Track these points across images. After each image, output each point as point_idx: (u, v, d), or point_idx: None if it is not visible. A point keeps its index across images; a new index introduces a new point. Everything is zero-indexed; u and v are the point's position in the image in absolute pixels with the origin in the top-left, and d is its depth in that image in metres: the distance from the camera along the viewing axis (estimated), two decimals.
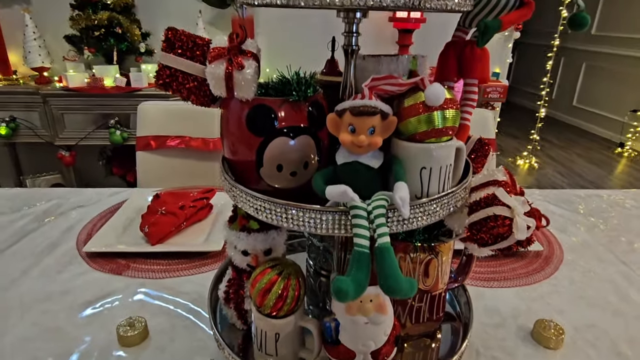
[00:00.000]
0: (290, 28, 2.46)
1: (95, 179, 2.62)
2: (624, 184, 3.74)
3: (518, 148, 4.49)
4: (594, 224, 1.13)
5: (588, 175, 3.83)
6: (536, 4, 0.46)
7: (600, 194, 1.33)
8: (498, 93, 3.62)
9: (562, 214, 1.19)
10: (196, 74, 0.49)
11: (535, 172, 3.95)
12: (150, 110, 1.34)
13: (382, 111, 0.41)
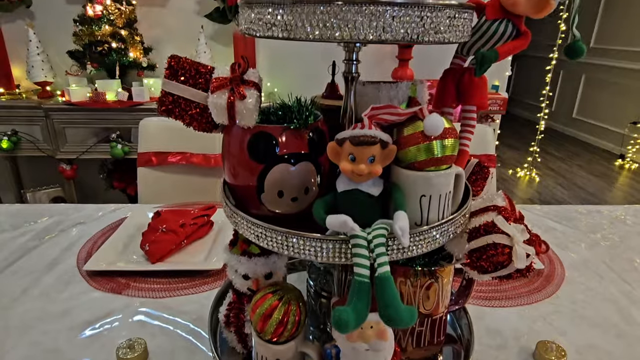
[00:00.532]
0: (291, 43, 2.48)
1: (96, 192, 2.63)
2: (626, 195, 3.73)
3: (519, 160, 4.50)
4: (595, 241, 1.13)
5: (589, 188, 3.83)
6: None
7: (601, 210, 1.33)
8: (498, 105, 3.64)
9: (563, 230, 1.19)
10: (199, 101, 0.49)
11: (536, 184, 3.95)
12: (151, 126, 1.35)
13: (382, 140, 0.42)
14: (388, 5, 0.37)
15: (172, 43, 2.44)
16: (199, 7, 2.37)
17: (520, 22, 0.46)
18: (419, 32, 0.39)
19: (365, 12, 0.37)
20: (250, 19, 0.42)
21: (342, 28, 0.38)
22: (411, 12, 0.38)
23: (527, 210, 1.33)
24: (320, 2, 0.37)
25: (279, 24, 0.40)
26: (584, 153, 4.80)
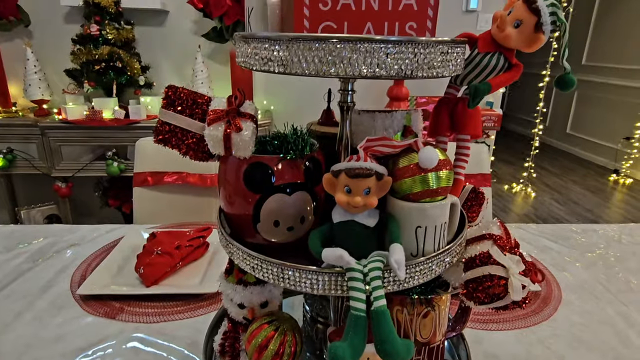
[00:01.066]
0: None
1: (91, 210, 2.62)
2: (621, 211, 3.75)
3: (514, 175, 4.53)
4: (591, 261, 1.13)
5: (585, 204, 3.85)
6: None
7: (596, 229, 1.33)
8: (492, 122, 3.67)
9: (559, 250, 1.19)
10: (195, 131, 0.50)
11: (532, 200, 3.97)
12: (148, 146, 1.36)
13: (377, 172, 0.42)
14: (382, 42, 0.38)
15: (170, 61, 2.46)
16: (197, 26, 2.40)
17: (512, 55, 0.47)
18: (413, 67, 0.39)
19: (360, 50, 0.38)
20: (246, 53, 0.43)
21: (337, 65, 0.38)
22: (405, 49, 0.38)
23: (523, 229, 1.34)
24: (315, 40, 0.38)
25: (275, 59, 0.40)
26: (578, 168, 4.84)
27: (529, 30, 0.43)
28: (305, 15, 0.40)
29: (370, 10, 0.40)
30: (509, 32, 0.44)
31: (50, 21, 2.32)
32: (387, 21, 0.40)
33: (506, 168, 4.84)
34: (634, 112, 4.30)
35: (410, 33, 0.41)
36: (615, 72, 4.58)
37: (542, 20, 0.42)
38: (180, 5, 2.29)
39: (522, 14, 0.43)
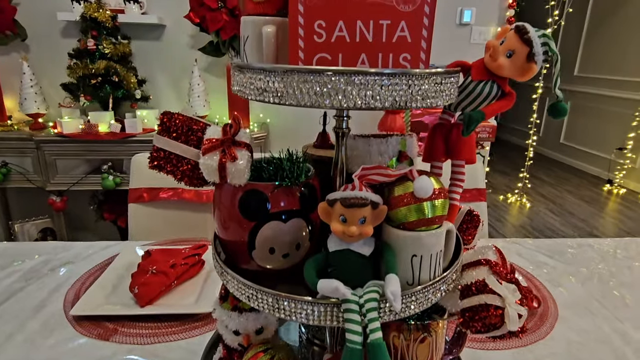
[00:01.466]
0: None
1: (86, 224, 2.60)
2: (616, 222, 3.77)
3: (509, 185, 4.55)
4: (587, 277, 1.13)
5: (580, 214, 3.87)
6: None
7: (592, 244, 1.34)
8: (487, 133, 3.71)
9: (554, 265, 1.19)
10: (190, 158, 0.50)
11: (527, 210, 3.98)
12: (143, 162, 1.35)
13: (373, 202, 0.42)
14: (377, 75, 0.38)
15: (166, 75, 2.47)
16: (193, 40, 2.41)
17: (505, 84, 0.47)
18: (407, 99, 0.40)
19: (355, 82, 0.38)
20: (242, 83, 0.43)
21: (332, 97, 0.39)
22: (399, 81, 0.39)
23: (519, 244, 1.34)
24: (310, 72, 0.38)
25: (271, 90, 0.40)
26: (573, 178, 4.87)
27: (521, 60, 0.44)
28: (300, 47, 0.40)
29: (365, 42, 0.40)
30: (501, 62, 0.44)
31: (47, 35, 2.33)
32: (382, 52, 0.41)
33: (501, 178, 4.87)
34: (626, 122, 4.35)
35: (405, 64, 0.41)
36: (607, 83, 4.64)
37: (534, 51, 0.43)
38: (177, 19, 2.30)
39: (515, 44, 0.44)
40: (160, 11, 2.34)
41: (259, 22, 0.47)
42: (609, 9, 4.60)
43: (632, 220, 3.82)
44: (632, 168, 4.39)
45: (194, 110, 2.27)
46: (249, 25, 0.48)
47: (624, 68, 4.43)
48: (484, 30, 3.48)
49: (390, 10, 0.39)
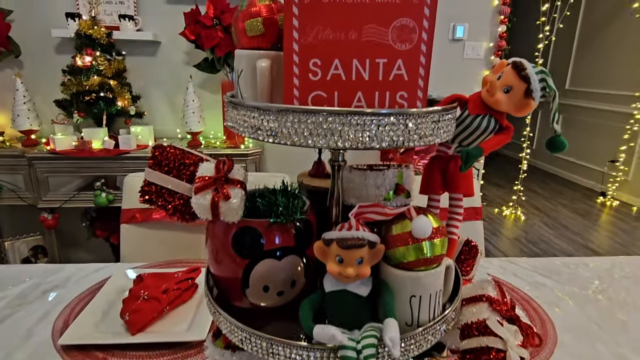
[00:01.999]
0: None
1: (78, 241, 2.56)
2: (610, 234, 3.78)
3: (504, 198, 4.57)
4: (585, 298, 1.12)
5: (574, 227, 3.88)
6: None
7: (588, 262, 1.33)
8: None
9: (552, 286, 1.18)
10: (182, 192, 0.49)
11: (522, 223, 3.99)
12: (136, 183, 1.33)
13: (370, 241, 0.41)
14: (373, 115, 0.37)
15: (161, 91, 2.46)
16: (188, 57, 2.41)
17: (502, 118, 0.47)
18: (405, 138, 0.39)
19: (351, 123, 0.37)
20: (235, 119, 0.43)
21: (327, 137, 0.38)
22: (396, 121, 0.38)
23: (515, 263, 1.33)
24: (305, 112, 0.38)
25: (265, 129, 0.40)
26: (566, 191, 4.90)
27: (518, 96, 0.43)
28: (295, 85, 0.39)
29: (361, 81, 0.40)
30: (499, 97, 0.44)
31: (41, 52, 2.32)
32: (378, 91, 0.40)
33: (496, 191, 4.88)
34: (618, 135, 4.40)
35: (402, 103, 0.40)
36: (598, 97, 4.71)
37: (532, 87, 0.42)
38: (172, 36, 2.31)
39: (512, 80, 0.43)
40: (155, 28, 2.35)
41: (253, 56, 0.47)
42: (599, 25, 4.68)
43: (625, 232, 3.84)
44: (624, 180, 4.42)
45: (188, 126, 2.26)
46: (243, 59, 0.48)
47: (614, 82, 4.50)
48: (477, 45, 3.53)
49: (387, 48, 0.39)
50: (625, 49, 4.34)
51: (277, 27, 0.46)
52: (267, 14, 0.45)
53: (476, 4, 3.44)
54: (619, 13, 4.37)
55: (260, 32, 0.46)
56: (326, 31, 0.38)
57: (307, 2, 0.37)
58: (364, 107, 0.40)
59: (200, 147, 2.28)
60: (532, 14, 4.63)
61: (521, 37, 5.58)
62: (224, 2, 2.07)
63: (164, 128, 2.50)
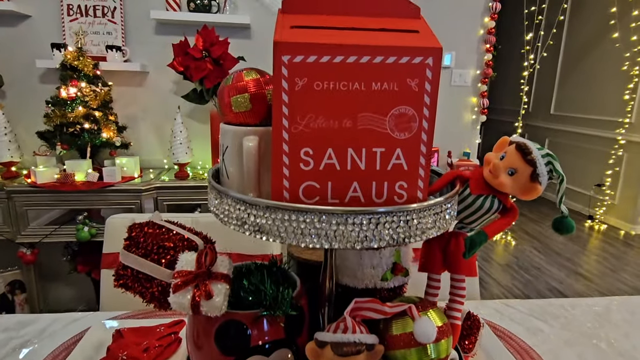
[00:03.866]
0: None
1: (58, 275, 2.46)
2: (600, 259, 3.79)
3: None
4: (584, 345, 1.08)
5: (564, 252, 3.88)
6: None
7: (584, 304, 1.30)
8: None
9: (550, 332, 1.15)
10: (161, 279, 0.44)
11: (513, 248, 3.98)
12: (118, 225, 1.28)
13: (368, 344, 0.37)
14: (371, 214, 0.34)
15: (149, 121, 2.42)
16: (177, 86, 2.39)
17: (506, 198, 0.44)
18: (406, 235, 0.36)
19: (348, 222, 0.34)
20: (220, 209, 0.39)
21: (321, 237, 0.34)
22: (396, 219, 0.35)
23: (511, 306, 1.29)
24: (296, 210, 0.34)
25: (252, 224, 0.36)
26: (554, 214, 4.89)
27: (524, 180, 0.41)
28: (284, 175, 0.36)
29: (357, 170, 0.37)
30: (503, 180, 0.41)
31: (25, 82, 2.28)
32: (375, 181, 0.37)
33: None
34: (603, 160, 4.46)
35: (401, 193, 0.37)
36: (583, 121, 4.80)
37: (538, 172, 0.40)
38: (161, 66, 2.28)
39: (517, 163, 0.41)
40: (143, 58, 2.32)
41: (239, 133, 0.43)
42: (580, 53, 4.81)
43: (614, 257, 3.85)
44: (611, 204, 4.47)
45: (176, 157, 2.21)
46: (228, 135, 0.44)
47: (598, 108, 4.60)
48: (464, 72, 3.59)
49: (385, 137, 0.36)
50: (607, 76, 4.45)
51: (266, 102, 0.43)
52: (254, 89, 0.42)
53: (462, 33, 3.51)
54: (599, 42, 4.51)
55: (247, 109, 0.43)
56: (318, 119, 0.35)
57: (297, 89, 0.34)
58: (360, 198, 0.37)
59: (187, 179, 2.23)
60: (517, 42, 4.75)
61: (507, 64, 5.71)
62: (213, 35, 2.05)
63: (150, 158, 2.45)
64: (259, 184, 0.42)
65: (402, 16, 0.38)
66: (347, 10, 0.38)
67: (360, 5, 0.38)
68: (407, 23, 0.37)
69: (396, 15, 0.38)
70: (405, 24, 0.37)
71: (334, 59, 0.34)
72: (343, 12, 0.38)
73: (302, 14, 0.38)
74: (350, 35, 0.35)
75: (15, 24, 2.21)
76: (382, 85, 0.34)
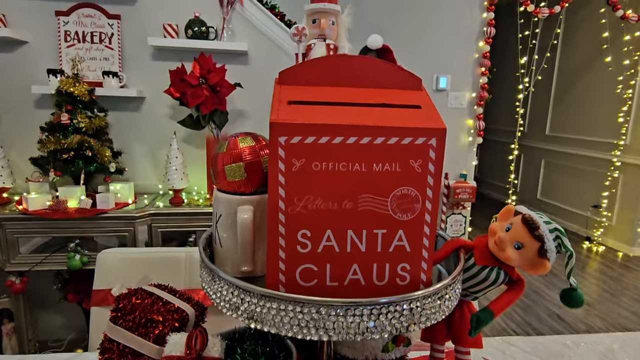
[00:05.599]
0: None
1: (48, 304, 2.40)
2: (599, 282, 3.76)
3: None
4: None
5: (562, 274, 3.82)
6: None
7: (585, 341, 1.28)
8: (467, 194, 3.75)
9: None
10: (148, 355, 0.42)
11: None
12: (110, 260, 1.25)
13: None
14: (374, 305, 0.32)
15: (144, 147, 2.41)
16: (173, 111, 2.38)
17: (513, 270, 0.42)
18: (409, 322, 0.33)
19: (348, 314, 0.32)
20: (213, 289, 0.37)
21: (319, 329, 0.32)
22: (399, 308, 0.33)
23: (512, 344, 1.26)
24: (292, 301, 0.32)
25: (246, 310, 0.34)
26: None
27: (531, 255, 0.39)
28: (280, 258, 0.34)
29: (357, 252, 0.35)
30: (510, 254, 0.39)
31: (20, 106, 2.26)
32: (376, 263, 0.35)
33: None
34: (599, 181, 4.48)
35: (404, 275, 0.35)
36: (578, 142, 4.83)
37: (546, 247, 0.38)
38: (157, 91, 2.28)
39: (524, 238, 0.39)
40: (140, 83, 2.32)
41: (234, 202, 0.41)
42: (573, 77, 4.89)
43: (613, 280, 3.82)
44: (609, 226, 4.46)
45: (171, 183, 2.19)
46: (222, 204, 0.42)
47: (593, 129, 4.64)
48: (460, 95, 3.63)
49: (386, 219, 0.34)
50: (600, 98, 4.51)
51: (262, 170, 0.41)
52: (250, 158, 0.40)
53: (458, 57, 3.56)
54: (592, 65, 4.57)
55: (242, 178, 0.41)
56: (317, 200, 0.33)
57: (294, 170, 0.32)
58: (361, 281, 0.35)
59: (182, 205, 2.21)
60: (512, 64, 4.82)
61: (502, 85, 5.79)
62: (210, 62, 2.06)
63: (145, 183, 2.42)
64: (254, 256, 0.40)
65: (403, 87, 0.37)
66: (346, 81, 0.36)
67: (360, 77, 0.37)
68: (408, 96, 0.36)
69: (397, 87, 0.37)
70: (406, 96, 0.36)
71: (333, 140, 0.32)
72: (342, 83, 0.36)
73: (299, 85, 0.36)
74: (350, 114, 0.34)
75: (11, 49, 2.21)
76: (383, 166, 0.33)
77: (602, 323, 3.07)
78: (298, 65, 0.37)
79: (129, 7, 2.25)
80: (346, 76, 0.37)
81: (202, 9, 2.27)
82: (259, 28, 2.36)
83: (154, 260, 1.27)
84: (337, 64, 0.37)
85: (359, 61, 0.38)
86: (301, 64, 0.38)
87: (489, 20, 3.46)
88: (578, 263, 4.13)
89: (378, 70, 0.37)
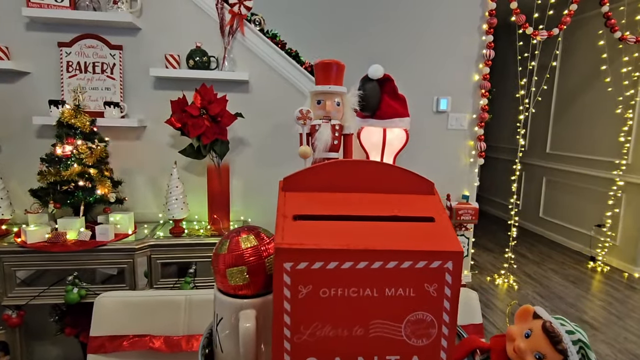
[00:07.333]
0: (264, 173, 2.50)
1: (45, 336, 2.35)
2: (604, 304, 3.70)
3: (494, 264, 4.49)
4: None
5: (567, 296, 3.79)
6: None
7: None
8: (470, 215, 3.72)
9: None
10: None
11: (516, 292, 3.89)
12: (107, 304, 1.22)
13: None
14: None
15: (145, 175, 2.40)
16: (173, 140, 2.38)
17: None
18: None
19: None
20: None
21: None
22: None
23: None
24: None
25: None
26: (555, 254, 4.86)
27: None
28: (285, 350, 0.32)
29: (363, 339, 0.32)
30: None
31: (20, 137, 2.26)
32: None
33: (486, 255, 4.81)
34: (603, 200, 4.45)
35: None
36: (580, 161, 4.82)
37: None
38: (158, 120, 2.28)
39: (545, 349, 0.37)
40: (141, 113, 2.32)
41: (236, 306, 0.39)
42: (572, 96, 4.91)
43: (619, 302, 3.76)
44: (613, 245, 4.42)
45: (171, 213, 2.17)
46: (224, 307, 0.40)
47: (594, 148, 4.63)
48: (460, 116, 3.63)
49: (400, 344, 0.32)
50: (601, 117, 4.51)
51: (265, 272, 0.39)
52: (253, 260, 0.38)
53: (458, 79, 3.58)
54: (591, 85, 4.59)
55: (244, 282, 0.39)
56: (325, 328, 0.31)
57: (301, 297, 0.30)
58: None
59: (182, 234, 2.18)
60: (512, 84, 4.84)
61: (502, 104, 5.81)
62: (211, 93, 2.06)
63: (145, 212, 2.40)
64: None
65: (414, 192, 0.35)
66: (354, 186, 0.35)
67: (369, 181, 0.35)
68: (420, 203, 0.34)
69: (408, 191, 0.35)
70: (419, 204, 0.34)
71: (342, 265, 0.30)
72: (350, 189, 0.35)
73: (305, 192, 0.34)
74: (360, 232, 0.32)
75: (13, 80, 2.22)
76: (396, 290, 0.31)
77: (610, 349, 3.01)
78: (303, 171, 0.36)
79: (131, 37, 2.26)
80: (354, 181, 0.35)
81: (204, 39, 2.29)
82: (260, 57, 2.37)
83: (152, 304, 1.24)
84: (344, 169, 0.35)
85: (367, 166, 0.36)
86: (306, 171, 0.36)
87: (488, 43, 3.49)
88: (583, 284, 4.08)
89: (387, 174, 0.36)
